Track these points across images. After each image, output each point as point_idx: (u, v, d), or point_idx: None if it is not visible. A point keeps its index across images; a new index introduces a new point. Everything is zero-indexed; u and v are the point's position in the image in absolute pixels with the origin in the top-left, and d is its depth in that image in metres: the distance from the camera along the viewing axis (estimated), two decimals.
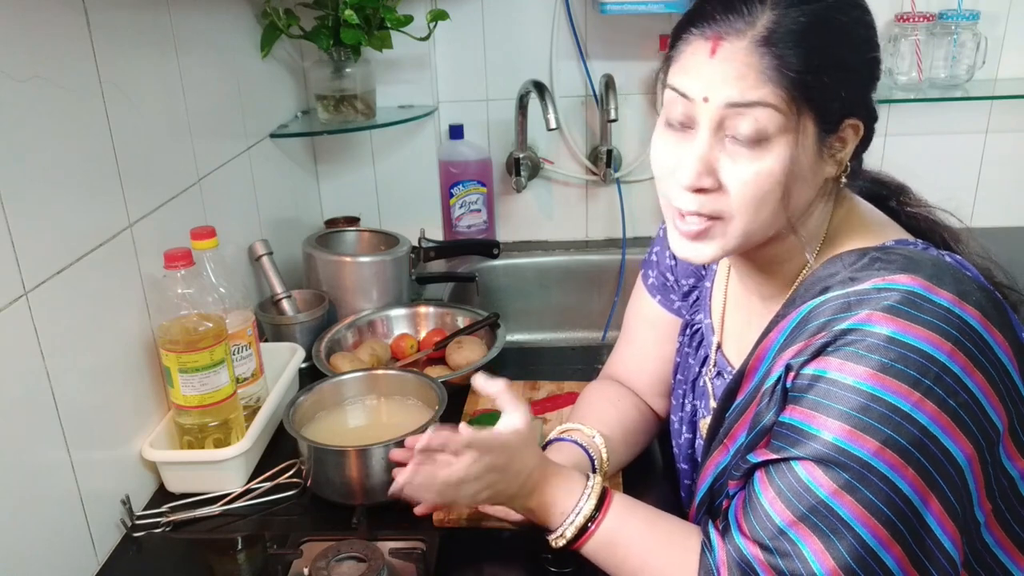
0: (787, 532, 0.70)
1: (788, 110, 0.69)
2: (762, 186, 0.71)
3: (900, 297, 0.69)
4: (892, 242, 0.78)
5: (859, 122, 0.74)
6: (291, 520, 1.02)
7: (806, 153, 0.71)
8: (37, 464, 0.86)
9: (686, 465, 1.00)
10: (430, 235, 1.64)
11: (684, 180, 0.73)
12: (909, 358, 0.66)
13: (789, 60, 0.68)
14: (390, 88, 1.73)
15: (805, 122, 0.70)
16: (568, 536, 0.84)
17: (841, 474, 0.67)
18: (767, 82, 0.69)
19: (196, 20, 1.27)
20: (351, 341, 1.42)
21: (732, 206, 0.73)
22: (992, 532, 0.72)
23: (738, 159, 0.71)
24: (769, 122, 0.69)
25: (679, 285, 1.02)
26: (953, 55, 1.70)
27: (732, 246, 0.76)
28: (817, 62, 0.69)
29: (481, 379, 0.92)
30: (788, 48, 0.68)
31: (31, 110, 0.86)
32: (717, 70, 0.70)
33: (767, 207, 0.72)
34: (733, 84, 0.69)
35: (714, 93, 0.70)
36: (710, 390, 0.94)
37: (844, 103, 0.72)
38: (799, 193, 0.73)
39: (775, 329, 0.78)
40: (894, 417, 0.66)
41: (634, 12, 1.61)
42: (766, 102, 0.69)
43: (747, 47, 0.69)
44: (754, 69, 0.69)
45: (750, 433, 0.76)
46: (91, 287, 0.95)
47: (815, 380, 0.70)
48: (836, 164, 0.75)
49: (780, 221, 0.74)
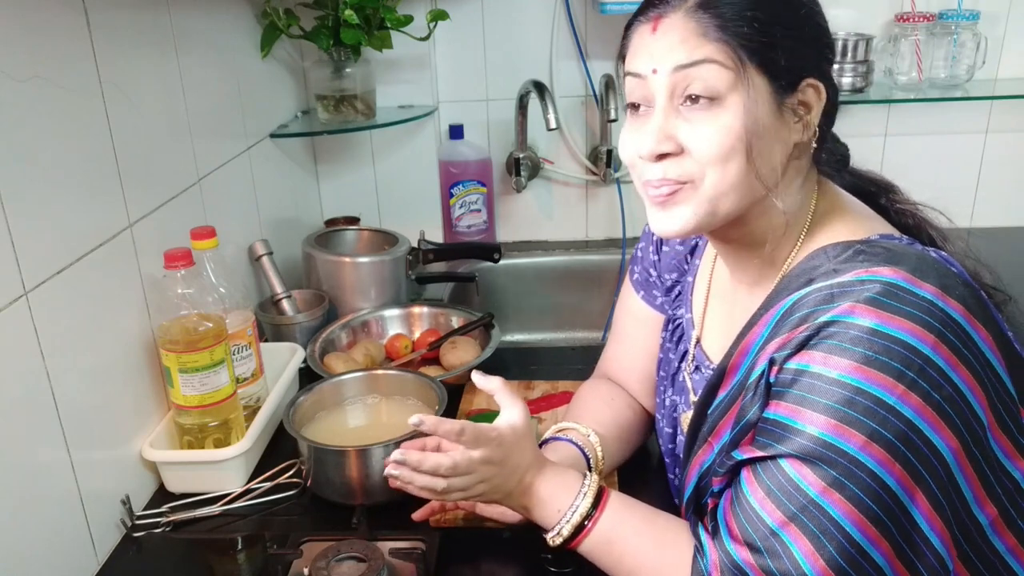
0: (778, 533, 0.70)
1: (734, 65, 0.72)
2: (723, 142, 0.73)
3: (882, 289, 0.69)
4: (877, 236, 0.78)
5: (818, 83, 0.76)
6: (291, 520, 1.02)
7: (763, 109, 0.73)
8: (37, 464, 0.86)
9: (668, 459, 1.01)
10: (430, 235, 1.64)
11: (644, 149, 0.75)
12: (893, 350, 0.66)
13: (727, 17, 0.72)
14: (390, 88, 1.73)
15: (752, 76, 0.72)
16: (565, 534, 0.84)
17: (829, 471, 0.67)
18: (709, 41, 0.72)
19: (196, 20, 1.27)
20: (345, 341, 1.42)
21: (698, 166, 0.74)
22: (1002, 537, 0.71)
23: (695, 121, 0.74)
24: (718, 79, 0.72)
25: (662, 280, 1.02)
26: (953, 55, 1.70)
27: (705, 211, 0.76)
28: (753, 16, 0.72)
29: (478, 376, 0.92)
30: (724, 7, 0.72)
31: (31, 110, 0.86)
32: (660, 43, 0.74)
33: (733, 164, 0.73)
34: (677, 49, 0.73)
35: (660, 63, 0.74)
36: (689, 385, 0.94)
37: (793, 60, 0.74)
38: (765, 152, 0.74)
39: (759, 322, 0.78)
40: (879, 410, 0.66)
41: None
42: (711, 59, 0.72)
43: (684, 15, 0.73)
44: (693, 32, 0.73)
45: (734, 429, 0.76)
46: (91, 287, 0.95)
47: (799, 374, 0.70)
48: (804, 128, 0.76)
49: (752, 184, 0.75)
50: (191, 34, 1.24)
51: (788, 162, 0.77)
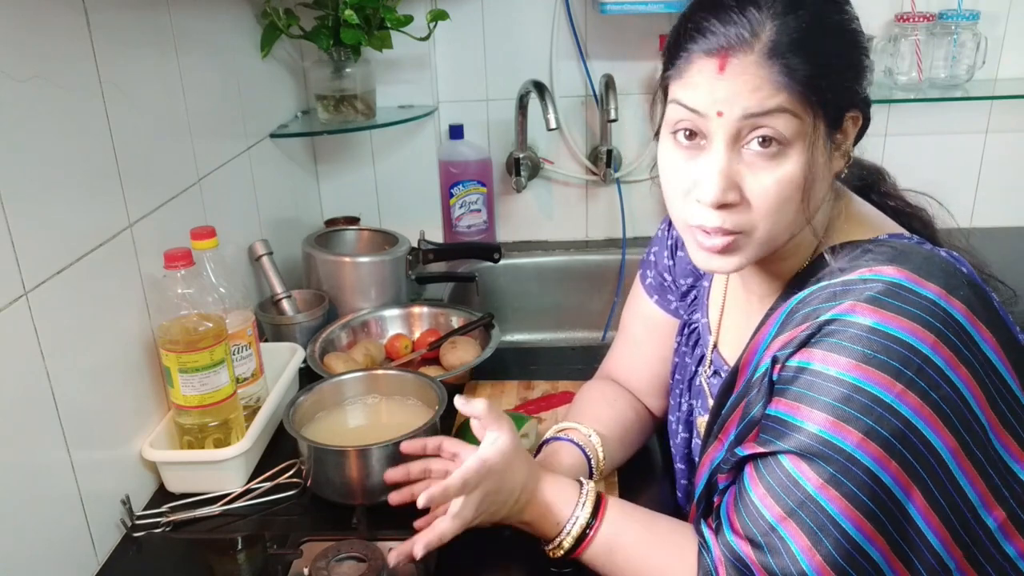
0: (777, 528, 0.70)
1: (804, 113, 0.70)
2: (783, 193, 0.71)
3: (884, 288, 0.69)
4: (886, 235, 0.78)
5: (858, 112, 0.75)
6: (291, 520, 1.02)
7: (820, 153, 0.72)
8: (37, 464, 0.86)
9: (683, 465, 1.00)
10: (430, 235, 1.64)
11: (708, 197, 0.72)
12: (891, 349, 0.67)
13: (796, 66, 0.68)
14: (390, 88, 1.73)
15: (818, 123, 0.71)
16: (566, 547, 0.84)
17: (826, 467, 0.68)
18: (781, 89, 0.69)
19: (196, 20, 1.27)
20: (345, 341, 1.42)
21: (756, 218, 0.73)
22: (1012, 541, 0.71)
23: (757, 170, 0.71)
24: (786, 128, 0.70)
25: (677, 285, 1.02)
26: (953, 55, 1.70)
27: (756, 254, 0.76)
28: (821, 64, 0.69)
29: (460, 401, 0.90)
30: (794, 55, 0.69)
31: (31, 110, 0.86)
32: (729, 85, 0.70)
33: (788, 212, 0.73)
34: (749, 96, 0.69)
35: (728, 107, 0.70)
36: (707, 390, 0.94)
37: (845, 98, 0.73)
38: (817, 193, 0.74)
39: (768, 321, 0.78)
40: (876, 408, 0.66)
41: (634, 12, 1.61)
42: (783, 108, 0.69)
43: (757, 60, 0.69)
44: (767, 80, 0.69)
45: (739, 426, 0.77)
46: (91, 287, 0.95)
47: (799, 372, 0.71)
48: (842, 156, 0.76)
49: (800, 223, 0.75)
50: (191, 34, 1.24)
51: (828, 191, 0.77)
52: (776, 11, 0.69)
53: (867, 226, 0.80)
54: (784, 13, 0.69)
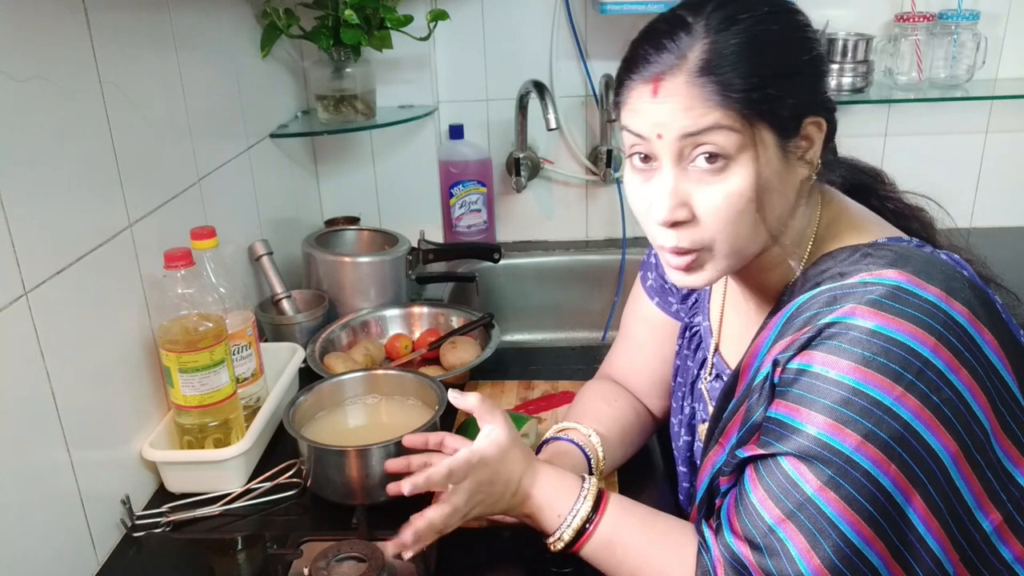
0: (776, 530, 0.70)
1: (742, 127, 0.70)
2: (734, 206, 0.72)
3: (885, 291, 0.69)
4: (885, 239, 0.78)
5: (819, 119, 0.75)
6: (291, 520, 1.02)
7: (770, 164, 0.72)
8: (37, 464, 0.86)
9: (685, 468, 1.00)
10: (430, 235, 1.64)
11: (658, 216, 0.74)
12: (891, 352, 0.67)
13: (731, 82, 0.70)
14: (390, 88, 1.73)
15: (762, 135, 0.71)
16: (566, 539, 0.84)
17: (825, 470, 0.68)
18: (715, 107, 0.70)
19: (196, 20, 1.27)
20: (345, 341, 1.42)
21: (710, 233, 0.74)
22: (1008, 545, 0.70)
23: (705, 186, 0.73)
24: (727, 143, 0.71)
25: (677, 288, 1.02)
26: (953, 55, 1.70)
27: (724, 266, 0.77)
28: (758, 76, 0.70)
29: (455, 395, 0.91)
30: (727, 71, 0.70)
31: (31, 110, 0.86)
32: (663, 108, 0.72)
33: (744, 225, 0.73)
34: (683, 116, 0.71)
35: (666, 129, 0.72)
36: (707, 393, 0.94)
37: (796, 106, 0.73)
38: (774, 203, 0.74)
39: (768, 326, 0.78)
40: (875, 411, 0.66)
41: (634, 12, 1.61)
42: (719, 124, 0.70)
43: (686, 80, 0.70)
44: (698, 99, 0.70)
45: (741, 430, 0.77)
46: (91, 287, 0.95)
47: (800, 374, 0.70)
48: (807, 164, 0.76)
49: (763, 233, 0.75)
50: (191, 34, 1.24)
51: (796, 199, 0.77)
52: (709, 29, 0.71)
53: (864, 230, 0.80)
54: (718, 31, 0.71)
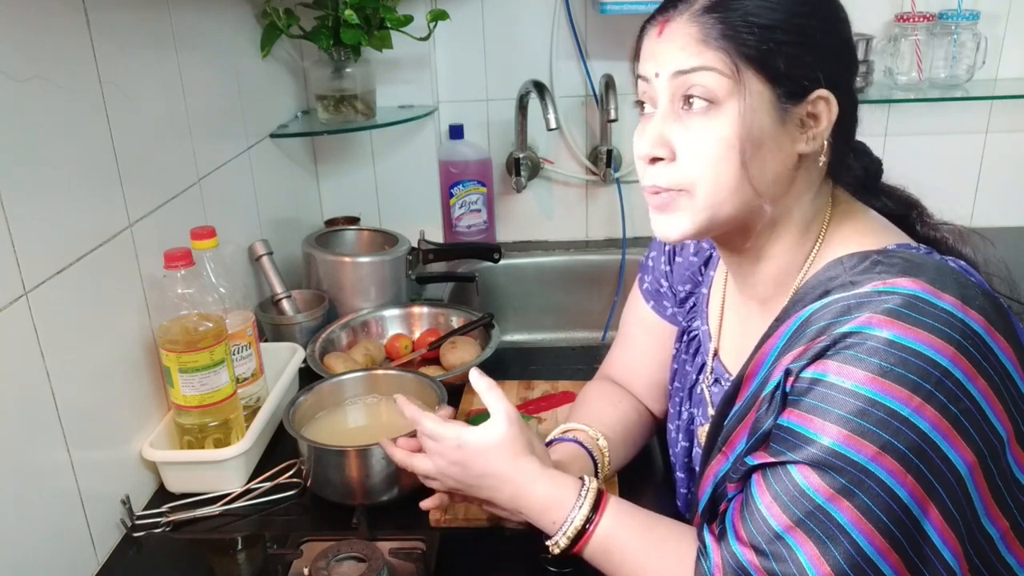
0: (783, 537, 0.69)
1: (732, 72, 0.71)
2: (714, 148, 0.72)
3: (902, 300, 0.68)
4: (894, 245, 0.77)
5: (828, 95, 0.74)
6: (291, 520, 1.02)
7: (760, 117, 0.72)
8: (37, 464, 0.86)
9: (683, 474, 1.00)
10: (430, 235, 1.64)
11: (638, 150, 0.76)
12: (910, 362, 0.66)
13: (730, 21, 0.71)
14: (390, 88, 1.73)
15: (751, 83, 0.72)
16: (563, 543, 0.84)
17: (838, 479, 0.67)
18: (708, 48, 0.72)
19: (196, 20, 1.27)
20: (345, 341, 1.42)
21: (689, 173, 0.74)
22: (1013, 551, 0.70)
23: (691, 127, 0.74)
24: (715, 86, 0.72)
25: (674, 292, 1.01)
26: (953, 55, 1.70)
27: (704, 219, 0.75)
28: (757, 22, 0.71)
29: (476, 374, 0.91)
30: (728, 14, 0.72)
31: (31, 110, 0.86)
32: (664, 47, 0.74)
33: (726, 172, 0.73)
34: (677, 54, 0.73)
35: (662, 68, 0.74)
36: (707, 398, 0.93)
37: (799, 68, 0.72)
38: (762, 161, 0.73)
39: (774, 334, 0.77)
40: (893, 422, 0.65)
41: (634, 12, 1.61)
42: (708, 66, 0.72)
43: (687, 19, 0.73)
44: (693, 38, 0.72)
45: (749, 439, 0.76)
46: (91, 287, 0.95)
47: (814, 383, 0.69)
48: (811, 141, 0.75)
49: (747, 191, 0.74)
50: (191, 34, 1.24)
51: (795, 172, 0.76)
52: None
53: (873, 234, 0.79)
54: None
